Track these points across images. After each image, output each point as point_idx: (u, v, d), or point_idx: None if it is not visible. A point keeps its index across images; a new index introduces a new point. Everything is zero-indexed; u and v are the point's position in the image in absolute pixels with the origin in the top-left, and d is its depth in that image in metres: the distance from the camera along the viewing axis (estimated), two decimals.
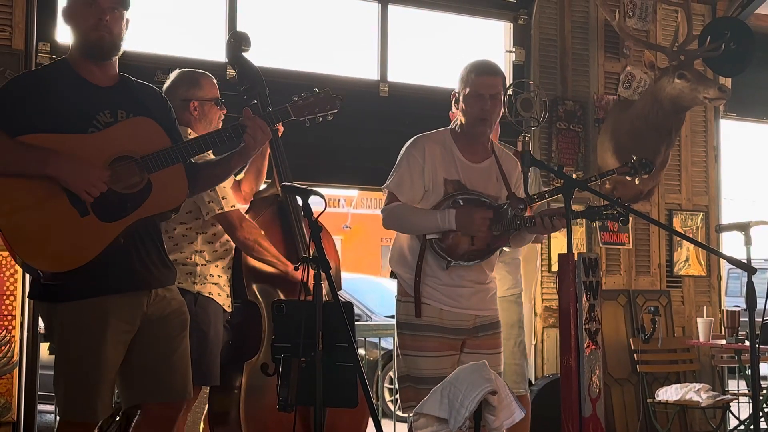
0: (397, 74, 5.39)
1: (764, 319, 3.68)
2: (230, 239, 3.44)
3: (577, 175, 5.66)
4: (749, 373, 4.70)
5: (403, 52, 5.47)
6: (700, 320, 5.73)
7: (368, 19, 5.40)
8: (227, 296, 3.47)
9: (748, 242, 3.43)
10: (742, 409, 5.90)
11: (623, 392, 5.77)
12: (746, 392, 5.86)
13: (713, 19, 6.30)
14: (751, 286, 3.23)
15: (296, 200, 3.53)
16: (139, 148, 2.64)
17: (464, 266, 3.30)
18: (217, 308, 3.40)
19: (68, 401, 2.66)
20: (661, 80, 5.42)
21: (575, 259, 2.86)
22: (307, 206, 2.74)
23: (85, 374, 2.62)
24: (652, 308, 5.77)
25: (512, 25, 5.78)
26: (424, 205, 3.33)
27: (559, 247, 5.61)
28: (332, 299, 2.83)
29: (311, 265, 2.65)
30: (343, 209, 18.70)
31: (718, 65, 5.93)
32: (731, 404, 5.63)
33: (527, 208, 3.33)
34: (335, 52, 5.53)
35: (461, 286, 3.32)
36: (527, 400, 3.94)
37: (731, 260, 3.32)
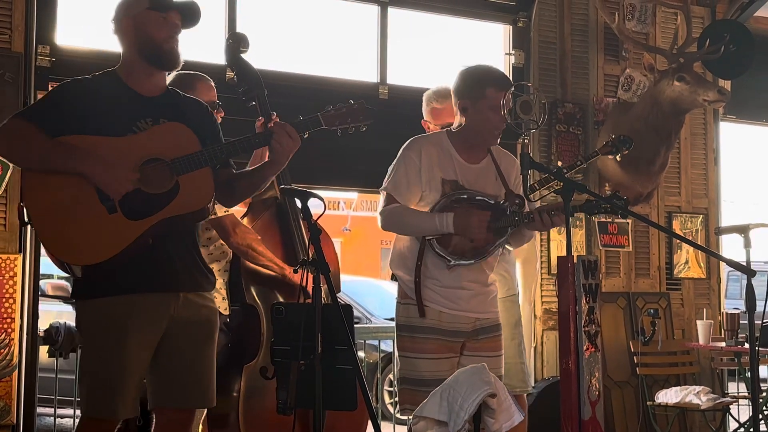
0: (396, 77, 5.39)
1: (764, 321, 3.69)
2: None
3: (575, 177, 5.65)
4: (749, 375, 4.68)
5: (402, 54, 5.47)
6: (699, 323, 5.71)
7: (368, 21, 5.40)
8: (223, 299, 3.47)
9: (747, 245, 3.44)
10: (742, 411, 5.90)
11: (623, 395, 5.75)
12: (746, 395, 5.86)
13: (712, 21, 6.28)
14: (750, 288, 3.22)
15: (295, 203, 3.53)
16: (170, 151, 2.70)
17: (464, 266, 3.30)
18: None
19: (90, 397, 2.71)
20: (660, 83, 5.42)
21: (574, 261, 2.85)
22: (306, 209, 2.74)
23: (106, 371, 2.67)
24: (651, 311, 5.75)
25: (512, 27, 5.77)
26: (422, 206, 3.33)
27: (558, 249, 5.61)
28: (331, 302, 2.82)
29: (310, 267, 2.65)
30: (342, 212, 18.69)
31: (717, 68, 5.93)
32: (731, 407, 5.62)
33: (525, 204, 3.32)
34: (335, 54, 5.52)
35: (461, 287, 3.32)
36: (524, 400, 3.93)
37: (731, 263, 3.31)
